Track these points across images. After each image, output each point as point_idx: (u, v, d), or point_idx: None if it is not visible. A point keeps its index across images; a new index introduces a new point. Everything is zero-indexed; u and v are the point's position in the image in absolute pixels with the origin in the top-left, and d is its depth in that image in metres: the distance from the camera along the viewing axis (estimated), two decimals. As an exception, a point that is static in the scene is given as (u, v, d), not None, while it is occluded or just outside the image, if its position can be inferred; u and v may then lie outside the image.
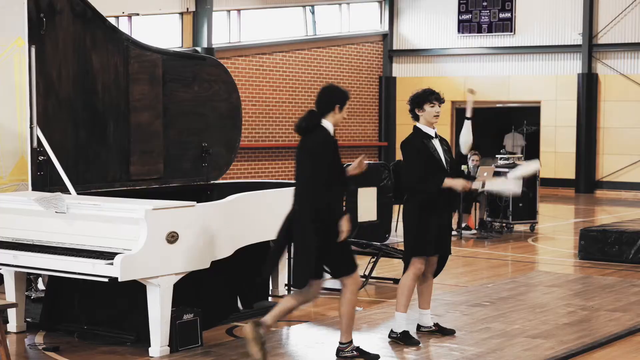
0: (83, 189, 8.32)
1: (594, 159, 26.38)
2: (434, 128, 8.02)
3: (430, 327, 8.29)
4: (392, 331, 8.03)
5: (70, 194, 7.91)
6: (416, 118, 8.01)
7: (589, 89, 26.21)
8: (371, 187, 12.88)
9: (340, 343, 7.36)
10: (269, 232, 8.87)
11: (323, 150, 7.16)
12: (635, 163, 25.83)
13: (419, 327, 8.33)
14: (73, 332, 7.99)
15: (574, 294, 10.42)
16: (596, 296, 10.25)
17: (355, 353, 7.37)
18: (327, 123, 7.34)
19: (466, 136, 8.51)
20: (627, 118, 25.95)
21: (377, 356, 7.43)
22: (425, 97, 7.97)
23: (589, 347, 7.90)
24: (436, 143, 7.97)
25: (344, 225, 7.03)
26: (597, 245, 13.16)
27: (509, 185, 8.75)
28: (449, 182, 7.85)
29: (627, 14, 25.83)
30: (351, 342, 7.37)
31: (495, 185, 10.09)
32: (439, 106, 7.97)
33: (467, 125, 8.54)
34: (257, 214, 8.56)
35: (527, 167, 9.08)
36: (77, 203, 7.58)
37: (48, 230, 7.67)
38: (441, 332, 8.29)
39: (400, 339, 7.92)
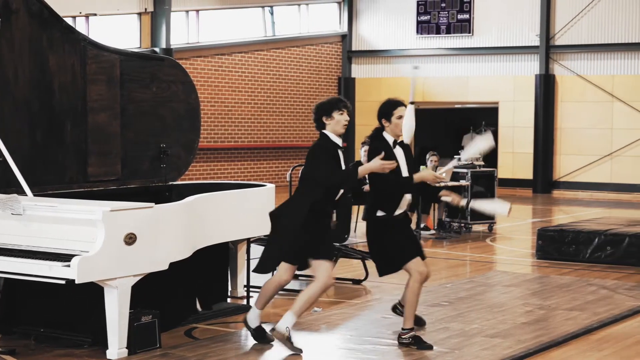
0: (40, 191, 8.24)
1: (551, 160, 26.60)
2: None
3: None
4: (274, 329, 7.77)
5: (26, 195, 7.83)
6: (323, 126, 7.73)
7: (546, 90, 26.43)
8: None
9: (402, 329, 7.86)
10: (228, 233, 8.88)
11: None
12: (591, 163, 26.08)
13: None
14: (30, 335, 7.91)
15: (532, 293, 10.50)
16: (553, 295, 10.32)
17: (411, 340, 7.76)
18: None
19: (409, 122, 7.87)
20: (583, 119, 26.19)
21: (431, 346, 7.73)
22: (334, 105, 7.65)
23: (547, 346, 7.96)
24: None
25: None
26: (554, 245, 13.26)
27: (496, 204, 8.53)
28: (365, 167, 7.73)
29: (583, 16, 26.07)
30: (412, 329, 7.79)
31: (485, 206, 8.88)
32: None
33: (410, 110, 7.93)
34: (216, 215, 8.54)
35: (479, 144, 8.50)
36: (34, 205, 7.51)
37: (4, 233, 7.59)
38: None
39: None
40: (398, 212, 7.92)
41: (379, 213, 7.87)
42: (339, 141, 7.64)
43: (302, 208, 7.51)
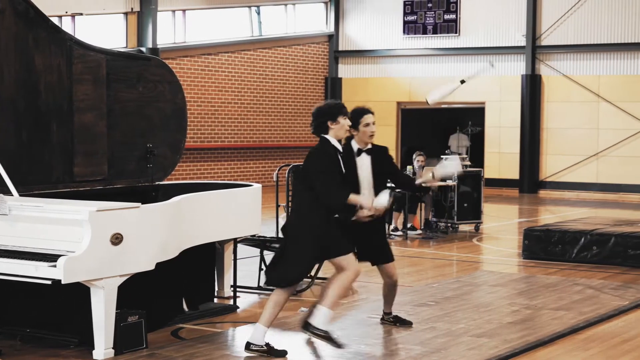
0: (26, 191, 8.22)
1: (538, 160, 26.67)
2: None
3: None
4: (310, 324, 7.69)
5: (12, 195, 7.81)
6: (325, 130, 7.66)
7: (532, 90, 26.49)
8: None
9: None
10: (215, 233, 8.87)
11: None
12: (577, 163, 26.15)
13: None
14: (16, 335, 7.89)
15: (518, 293, 10.52)
16: (539, 295, 10.35)
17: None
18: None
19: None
20: (569, 119, 26.27)
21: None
22: (339, 109, 7.56)
23: (533, 345, 7.98)
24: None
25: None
26: (541, 245, 13.29)
27: (449, 167, 8.55)
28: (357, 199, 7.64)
29: (569, 16, 26.14)
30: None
31: (438, 172, 8.60)
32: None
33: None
34: (203, 215, 8.53)
35: (447, 169, 8.64)
36: (20, 205, 7.49)
37: (-10, 233, 7.57)
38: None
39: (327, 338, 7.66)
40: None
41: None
42: (339, 146, 7.56)
43: (311, 217, 7.44)
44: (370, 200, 7.59)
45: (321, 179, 7.33)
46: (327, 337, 7.48)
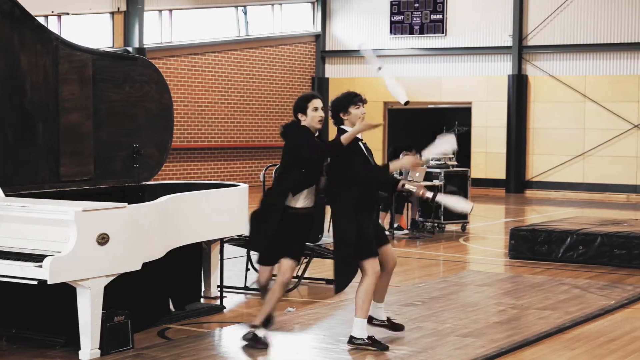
0: (11, 191, 8.19)
1: (524, 160, 26.73)
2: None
3: (383, 322, 8.30)
4: (353, 337, 7.78)
5: (-2, 195, 7.79)
6: (341, 122, 7.78)
7: (519, 90, 26.55)
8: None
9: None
10: (202, 233, 8.86)
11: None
12: (564, 163, 26.22)
13: (370, 318, 8.16)
14: (1, 336, 7.87)
15: (504, 292, 10.54)
16: (526, 295, 10.37)
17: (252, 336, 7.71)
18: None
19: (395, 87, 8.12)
20: (556, 119, 26.34)
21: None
22: (350, 100, 7.76)
23: (519, 345, 7.99)
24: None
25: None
26: (527, 245, 13.33)
27: (461, 202, 8.50)
28: (396, 164, 7.84)
29: (555, 17, 26.21)
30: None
31: (449, 201, 8.73)
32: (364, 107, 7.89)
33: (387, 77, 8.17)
34: (190, 216, 8.51)
35: (442, 146, 8.57)
36: (6, 205, 7.47)
37: (-25, 233, 7.54)
38: (392, 327, 8.29)
39: (370, 345, 7.72)
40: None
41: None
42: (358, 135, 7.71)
43: (347, 208, 7.60)
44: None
45: (351, 166, 7.59)
46: (371, 344, 7.66)
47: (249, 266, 10.71)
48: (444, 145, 8.53)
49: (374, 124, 7.65)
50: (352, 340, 7.71)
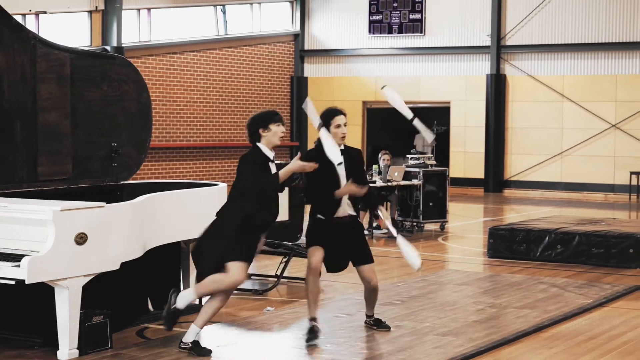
0: (-11, 190, 8.16)
1: (502, 159, 26.82)
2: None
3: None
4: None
5: (-25, 195, 7.75)
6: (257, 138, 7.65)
7: (497, 90, 26.64)
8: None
9: None
10: (180, 232, 8.84)
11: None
12: (542, 163, 26.32)
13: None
14: (-21, 336, 7.83)
15: (483, 291, 10.57)
16: (504, 294, 10.40)
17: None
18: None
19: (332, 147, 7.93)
20: (534, 118, 26.44)
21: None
22: (271, 117, 7.65)
23: (498, 343, 8.02)
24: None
25: None
26: (506, 244, 13.37)
27: (414, 256, 8.49)
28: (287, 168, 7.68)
29: (533, 17, 26.30)
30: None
31: (405, 248, 8.56)
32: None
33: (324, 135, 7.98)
34: (168, 215, 8.49)
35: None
36: (-17, 204, 7.43)
37: (-48, 233, 7.50)
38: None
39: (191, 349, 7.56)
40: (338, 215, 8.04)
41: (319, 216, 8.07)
42: (270, 154, 7.64)
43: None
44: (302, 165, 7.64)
45: (246, 178, 7.54)
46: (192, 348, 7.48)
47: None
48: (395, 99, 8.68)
49: (309, 164, 7.64)
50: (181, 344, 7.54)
